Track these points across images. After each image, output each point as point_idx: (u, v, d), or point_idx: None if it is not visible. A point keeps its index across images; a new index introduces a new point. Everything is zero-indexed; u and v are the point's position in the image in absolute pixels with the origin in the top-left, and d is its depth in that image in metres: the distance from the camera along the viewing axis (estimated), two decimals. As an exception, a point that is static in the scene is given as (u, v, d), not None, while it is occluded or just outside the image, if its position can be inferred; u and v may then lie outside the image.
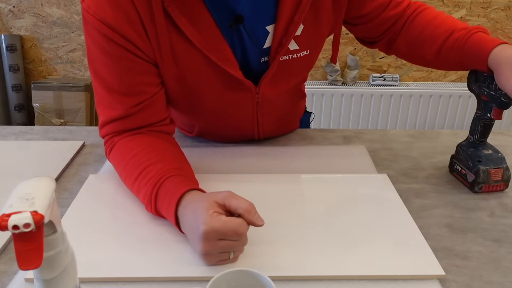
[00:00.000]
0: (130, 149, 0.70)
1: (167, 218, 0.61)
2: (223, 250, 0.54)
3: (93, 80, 0.72)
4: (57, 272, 0.38)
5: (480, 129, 0.75)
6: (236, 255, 0.56)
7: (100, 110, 0.73)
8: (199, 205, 0.55)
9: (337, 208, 0.67)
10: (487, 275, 0.55)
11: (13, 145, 0.90)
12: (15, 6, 2.16)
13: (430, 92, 2.17)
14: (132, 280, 0.53)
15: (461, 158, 0.78)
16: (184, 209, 0.58)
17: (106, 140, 0.74)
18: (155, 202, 0.62)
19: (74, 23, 2.19)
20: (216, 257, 0.55)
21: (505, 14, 2.16)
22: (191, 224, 0.56)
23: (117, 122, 0.72)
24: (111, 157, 0.73)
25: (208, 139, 0.93)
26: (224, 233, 0.53)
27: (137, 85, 0.70)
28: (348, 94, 2.15)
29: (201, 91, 0.76)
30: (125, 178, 0.70)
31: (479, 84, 0.73)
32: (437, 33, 0.77)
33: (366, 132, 0.98)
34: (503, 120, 2.24)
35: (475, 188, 0.74)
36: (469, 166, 0.75)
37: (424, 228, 0.64)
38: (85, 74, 2.29)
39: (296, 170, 0.80)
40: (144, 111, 0.72)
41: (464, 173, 0.76)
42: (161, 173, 0.63)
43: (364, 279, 0.54)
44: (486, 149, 0.76)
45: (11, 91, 2.24)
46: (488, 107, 0.73)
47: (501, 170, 0.73)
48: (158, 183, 0.62)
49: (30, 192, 0.35)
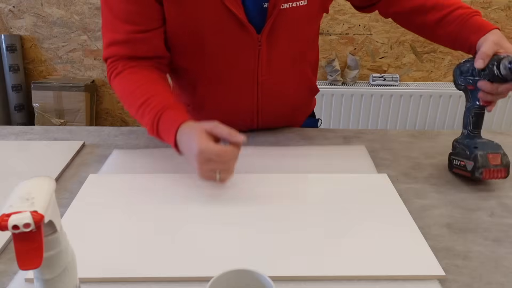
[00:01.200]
0: (133, 82, 0.81)
1: (167, 141, 0.74)
2: (211, 168, 0.68)
3: (102, 6, 0.82)
4: (57, 272, 0.38)
5: (472, 119, 0.77)
6: (222, 177, 0.69)
7: (105, 33, 0.84)
8: (193, 132, 0.69)
9: (337, 208, 0.67)
10: (487, 275, 0.55)
11: (13, 145, 0.90)
12: (15, 6, 2.16)
13: (430, 92, 2.17)
14: (132, 280, 0.53)
15: (458, 152, 0.79)
16: (181, 135, 0.71)
17: (109, 63, 0.84)
18: (157, 128, 0.75)
19: (74, 23, 2.19)
20: (207, 174, 0.69)
21: (505, 14, 2.16)
22: (187, 146, 0.70)
23: (119, 45, 0.82)
24: (114, 83, 0.84)
25: (208, 116, 0.96)
26: (211, 153, 0.66)
27: (139, 15, 0.80)
28: (348, 94, 2.15)
29: (203, 32, 0.81)
30: (129, 106, 0.81)
31: (464, 76, 0.78)
32: (445, 4, 0.84)
33: (366, 132, 0.98)
34: (503, 120, 2.24)
35: (476, 174, 0.73)
36: (467, 155, 0.76)
37: (424, 228, 0.64)
38: (85, 74, 2.29)
39: (296, 170, 0.80)
40: (144, 43, 0.81)
41: (463, 164, 0.77)
42: (162, 105, 0.76)
43: (364, 279, 0.54)
44: (481, 139, 0.77)
45: (11, 91, 2.24)
46: (475, 95, 0.75)
47: (499, 155, 0.74)
48: (159, 112, 0.75)
49: (30, 192, 0.35)
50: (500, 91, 0.72)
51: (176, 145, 0.73)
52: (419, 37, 2.19)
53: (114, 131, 0.97)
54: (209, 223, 0.64)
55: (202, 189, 0.73)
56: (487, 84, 0.73)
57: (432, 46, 2.22)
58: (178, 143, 0.72)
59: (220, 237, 0.60)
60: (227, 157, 0.67)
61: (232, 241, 0.60)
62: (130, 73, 0.82)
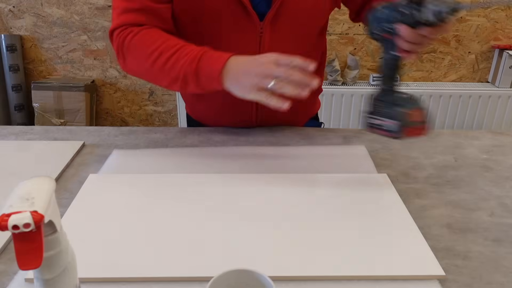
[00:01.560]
0: (161, 35, 0.79)
1: (213, 69, 0.72)
2: (269, 73, 0.67)
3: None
4: (57, 272, 0.38)
5: (388, 72, 0.72)
6: (278, 86, 0.67)
7: (117, 3, 0.82)
8: (253, 56, 0.71)
9: (337, 208, 0.67)
10: (487, 275, 0.55)
11: (13, 145, 0.90)
12: (15, 6, 2.16)
13: (430, 92, 2.17)
14: (132, 280, 0.53)
15: (376, 110, 0.73)
16: (236, 59, 0.72)
17: (120, 31, 0.81)
18: (199, 60, 0.73)
19: (74, 23, 2.19)
20: (261, 81, 0.67)
21: (505, 14, 2.16)
22: (245, 64, 0.71)
23: (134, 13, 0.80)
24: (134, 41, 0.79)
25: (207, 107, 0.97)
26: (275, 55, 0.68)
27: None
28: (348, 94, 2.15)
29: (203, 13, 0.81)
30: (158, 56, 0.76)
31: (379, 23, 0.70)
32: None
33: (366, 132, 0.98)
34: (503, 120, 2.23)
35: (396, 134, 0.69)
36: (385, 113, 0.70)
37: (424, 228, 0.64)
38: (85, 74, 2.29)
39: (296, 170, 0.80)
40: (157, 14, 0.81)
41: (380, 123, 0.71)
42: (200, 48, 0.75)
43: (364, 279, 0.54)
44: (399, 94, 0.72)
45: (11, 91, 2.24)
46: (392, 45, 0.69)
47: (418, 110, 0.69)
48: (201, 51, 0.74)
49: (30, 192, 0.35)
50: (421, 39, 0.66)
51: (221, 73, 0.71)
52: (419, 37, 2.19)
53: (114, 131, 0.97)
54: (209, 223, 0.64)
55: (202, 189, 0.73)
56: (407, 29, 0.65)
57: (432, 46, 2.22)
58: (227, 68, 0.71)
59: (220, 237, 0.60)
60: (291, 66, 0.66)
61: (232, 241, 0.60)
62: (153, 30, 0.80)
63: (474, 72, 2.29)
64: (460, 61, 2.26)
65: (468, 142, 0.94)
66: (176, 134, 0.96)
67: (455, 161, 0.86)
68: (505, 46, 2.20)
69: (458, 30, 2.19)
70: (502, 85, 2.21)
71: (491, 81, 2.28)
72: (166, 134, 0.96)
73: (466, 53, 2.24)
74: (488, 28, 2.19)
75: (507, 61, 2.16)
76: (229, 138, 0.94)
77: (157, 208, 0.67)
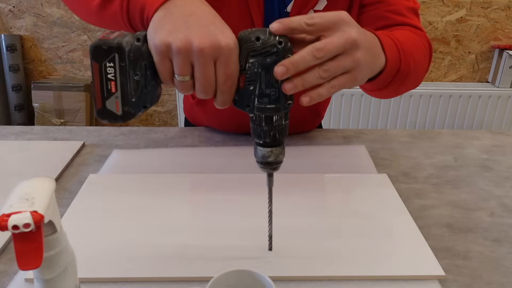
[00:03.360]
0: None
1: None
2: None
3: None
4: (57, 272, 0.38)
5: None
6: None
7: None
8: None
9: (337, 208, 0.67)
10: (487, 275, 0.55)
11: (13, 145, 0.90)
12: (15, 6, 2.16)
13: (430, 92, 2.17)
14: (132, 280, 0.53)
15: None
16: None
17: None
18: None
19: (74, 23, 2.19)
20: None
21: (505, 14, 2.16)
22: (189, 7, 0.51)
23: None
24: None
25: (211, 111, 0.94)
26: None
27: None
28: (348, 94, 2.15)
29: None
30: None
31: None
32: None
33: (366, 132, 0.98)
34: (503, 120, 2.24)
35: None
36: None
37: (424, 228, 0.64)
38: (85, 74, 2.29)
39: (296, 170, 0.79)
40: None
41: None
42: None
43: (363, 279, 0.54)
44: None
45: (11, 91, 2.24)
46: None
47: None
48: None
49: (30, 192, 0.35)
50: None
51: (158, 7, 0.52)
52: (419, 37, 2.19)
53: (114, 131, 0.97)
54: (209, 223, 0.64)
55: (202, 189, 0.73)
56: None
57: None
58: (167, 6, 0.52)
59: (220, 237, 0.60)
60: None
61: (232, 241, 0.60)
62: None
63: (474, 72, 2.29)
64: (460, 61, 2.26)
65: (468, 142, 0.94)
66: (176, 134, 0.96)
67: (455, 161, 0.86)
68: (505, 46, 2.20)
69: (458, 30, 2.19)
70: (502, 85, 2.21)
71: (491, 81, 2.28)
72: (166, 134, 0.96)
73: (466, 53, 2.24)
74: (488, 28, 2.19)
75: (507, 61, 2.16)
76: (229, 138, 0.94)
77: (157, 208, 0.67)
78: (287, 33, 0.48)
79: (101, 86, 0.49)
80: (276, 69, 0.47)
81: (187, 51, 0.47)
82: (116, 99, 0.49)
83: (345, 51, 0.50)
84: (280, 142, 0.51)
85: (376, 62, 0.59)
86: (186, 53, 0.48)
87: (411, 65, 0.67)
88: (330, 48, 0.49)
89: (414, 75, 0.70)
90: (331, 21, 0.50)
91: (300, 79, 0.48)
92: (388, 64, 0.61)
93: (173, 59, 0.49)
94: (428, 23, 2.17)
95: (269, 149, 0.51)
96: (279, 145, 0.52)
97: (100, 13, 0.64)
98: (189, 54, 0.48)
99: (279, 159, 0.53)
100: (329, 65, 0.49)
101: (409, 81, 0.70)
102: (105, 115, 0.50)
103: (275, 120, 0.50)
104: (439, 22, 2.17)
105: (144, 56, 0.49)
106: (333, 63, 0.49)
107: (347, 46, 0.50)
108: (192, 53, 0.48)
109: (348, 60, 0.50)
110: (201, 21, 0.49)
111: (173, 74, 0.50)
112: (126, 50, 0.47)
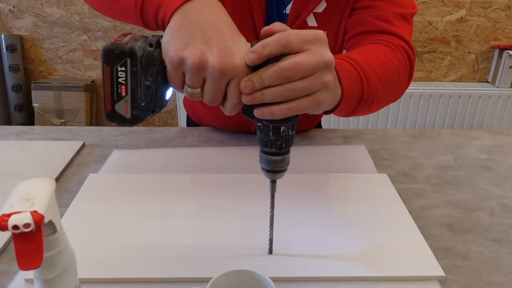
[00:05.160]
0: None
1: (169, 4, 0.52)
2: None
3: None
4: (57, 272, 0.38)
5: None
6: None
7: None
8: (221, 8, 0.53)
9: (337, 208, 0.67)
10: (487, 275, 0.55)
11: (13, 145, 0.90)
12: (15, 6, 2.16)
13: (430, 92, 2.17)
14: (132, 280, 0.53)
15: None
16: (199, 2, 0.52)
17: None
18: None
19: (74, 23, 2.19)
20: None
21: (505, 14, 2.16)
22: (202, 15, 0.50)
23: None
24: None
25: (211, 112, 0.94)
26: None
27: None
28: (348, 94, 2.14)
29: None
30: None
31: None
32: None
33: (366, 132, 0.98)
34: (503, 120, 2.24)
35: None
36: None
37: (424, 228, 0.64)
38: (85, 74, 2.29)
39: (296, 170, 0.79)
40: None
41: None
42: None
43: (363, 279, 0.54)
44: None
45: (11, 91, 2.24)
46: None
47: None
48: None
49: (30, 192, 0.35)
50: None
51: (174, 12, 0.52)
52: (418, 37, 2.19)
53: (114, 131, 0.97)
54: (209, 223, 0.64)
55: (202, 189, 0.73)
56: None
57: (432, 46, 2.22)
58: (184, 10, 0.51)
59: (220, 237, 0.60)
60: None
61: (233, 241, 0.60)
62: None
63: (474, 72, 2.29)
64: (460, 61, 2.26)
65: (468, 142, 0.94)
66: (176, 134, 0.96)
67: (455, 161, 0.86)
68: (505, 46, 2.20)
69: (458, 30, 2.19)
70: (502, 85, 2.21)
71: (491, 81, 2.28)
72: (166, 134, 0.96)
73: (466, 53, 2.24)
74: (488, 28, 2.19)
75: (507, 61, 2.16)
76: (229, 138, 0.94)
77: (157, 208, 0.67)
78: (264, 60, 0.47)
79: (112, 90, 0.49)
80: (240, 84, 0.47)
81: (202, 68, 0.47)
82: (125, 103, 0.49)
83: (315, 73, 0.48)
84: (285, 152, 0.52)
85: (337, 92, 0.57)
86: (200, 69, 0.47)
87: (378, 90, 0.64)
88: (300, 70, 0.47)
89: (384, 97, 0.68)
90: (306, 40, 0.47)
91: (259, 93, 0.48)
92: (345, 96, 0.58)
93: (186, 72, 0.49)
94: (428, 23, 2.17)
95: (274, 157, 0.52)
96: (284, 154, 0.52)
97: (112, 3, 0.63)
98: (203, 71, 0.48)
99: (283, 167, 0.53)
100: (294, 85, 0.47)
101: (380, 102, 0.67)
102: (114, 118, 0.50)
103: (282, 130, 0.50)
104: (439, 22, 2.17)
105: (156, 62, 0.49)
106: (300, 83, 0.47)
107: (318, 68, 0.48)
108: (206, 70, 0.47)
109: (317, 82, 0.48)
110: (218, 35, 0.48)
111: (184, 83, 0.50)
112: (139, 55, 0.47)
